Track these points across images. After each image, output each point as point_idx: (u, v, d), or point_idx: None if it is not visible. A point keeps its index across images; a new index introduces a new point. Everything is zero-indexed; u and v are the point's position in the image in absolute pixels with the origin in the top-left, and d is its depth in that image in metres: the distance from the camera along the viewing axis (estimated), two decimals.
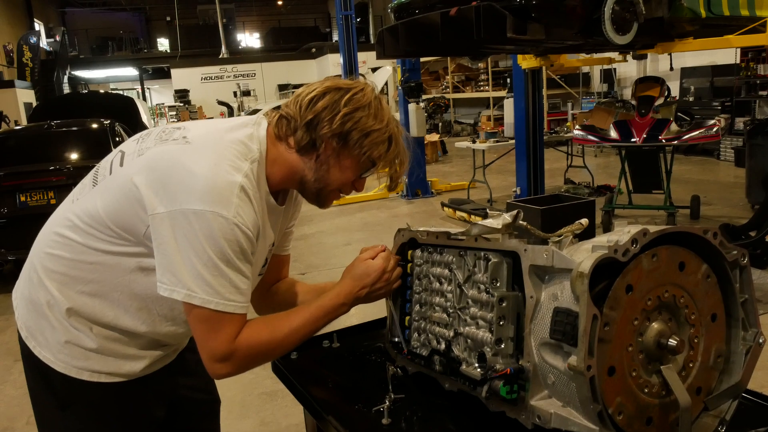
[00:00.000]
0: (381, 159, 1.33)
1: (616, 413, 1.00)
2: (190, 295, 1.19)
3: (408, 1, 5.09)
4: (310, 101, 1.30)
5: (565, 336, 0.98)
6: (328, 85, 1.32)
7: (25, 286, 1.40)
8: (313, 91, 1.32)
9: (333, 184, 1.36)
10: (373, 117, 1.30)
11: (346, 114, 1.28)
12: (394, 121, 1.35)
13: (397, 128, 1.35)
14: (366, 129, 1.29)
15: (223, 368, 1.25)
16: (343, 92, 1.30)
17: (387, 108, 1.35)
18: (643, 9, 4.69)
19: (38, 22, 27.15)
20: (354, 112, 1.29)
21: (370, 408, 1.31)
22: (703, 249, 1.09)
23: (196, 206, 1.17)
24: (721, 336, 1.13)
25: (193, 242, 1.17)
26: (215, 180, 1.20)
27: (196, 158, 1.23)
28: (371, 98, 1.32)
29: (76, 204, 1.35)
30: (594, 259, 0.94)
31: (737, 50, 11.02)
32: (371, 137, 1.30)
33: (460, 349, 1.25)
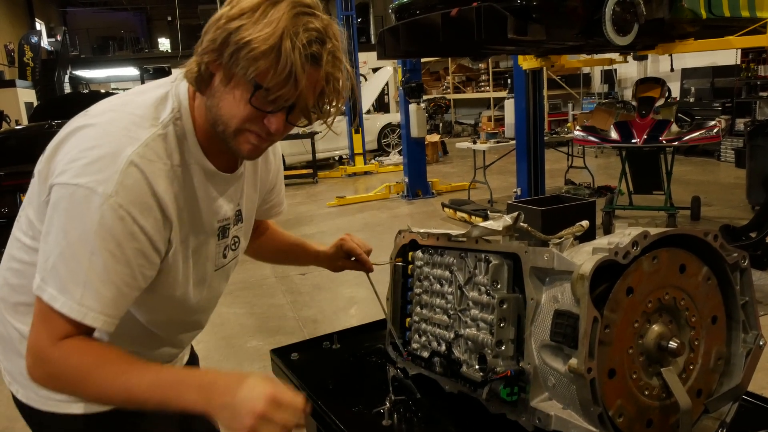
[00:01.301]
0: (266, 79, 0.99)
1: (616, 416, 1.00)
2: (41, 287, 1.01)
3: (409, 1, 5.09)
4: (205, 29, 1.04)
5: (566, 338, 0.98)
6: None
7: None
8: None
9: (231, 122, 1.06)
10: (254, 23, 0.97)
11: (220, 25, 1.00)
12: (292, 25, 0.98)
13: (295, 35, 0.97)
14: (242, 39, 0.97)
15: (32, 368, 1.03)
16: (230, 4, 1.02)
17: (286, 10, 0.98)
18: (644, 10, 4.69)
19: (39, 22, 27.16)
20: (230, 22, 0.98)
21: (370, 409, 1.31)
22: (704, 251, 1.09)
23: (65, 179, 1.00)
24: (722, 338, 1.13)
25: (58, 223, 1.01)
26: (97, 152, 1.01)
27: (83, 132, 1.05)
28: (266, 7, 0.98)
29: (19, 220, 1.21)
30: (595, 262, 0.94)
31: (738, 51, 11.01)
32: (247, 49, 0.97)
33: (460, 351, 1.25)
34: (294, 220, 8.22)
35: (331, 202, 9.28)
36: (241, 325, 4.68)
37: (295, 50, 0.97)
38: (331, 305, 4.86)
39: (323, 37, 1.01)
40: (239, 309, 4.96)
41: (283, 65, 0.97)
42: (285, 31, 0.97)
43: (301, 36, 0.97)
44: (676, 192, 7.12)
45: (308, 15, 1.00)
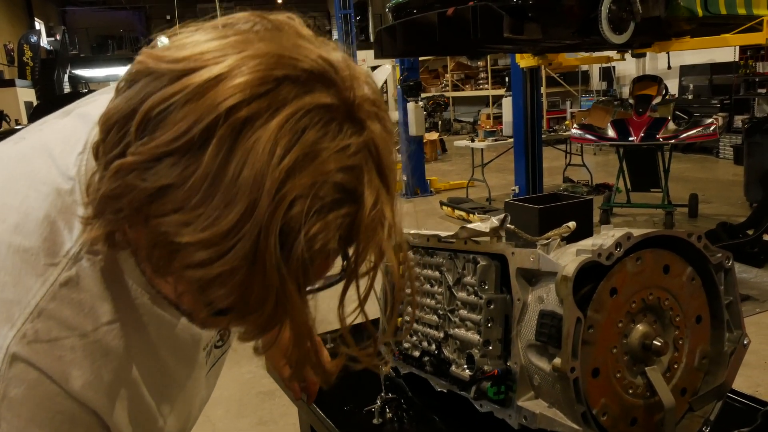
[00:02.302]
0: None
1: (600, 414, 1.02)
2: None
3: (406, 1, 5.10)
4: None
5: (550, 338, 0.99)
6: (145, 60, 0.57)
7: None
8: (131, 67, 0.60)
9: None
10: (201, 195, 0.53)
11: (126, 168, 0.54)
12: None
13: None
14: (167, 225, 0.54)
15: None
16: (161, 85, 0.53)
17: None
18: (640, 8, 4.71)
19: (39, 21, 27.16)
20: (147, 171, 0.53)
21: (361, 408, 1.33)
22: (688, 252, 1.10)
23: None
24: (706, 338, 1.15)
25: None
26: None
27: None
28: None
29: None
30: (578, 263, 0.96)
31: (736, 48, 11.03)
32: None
33: (449, 351, 1.27)
34: None
35: None
36: None
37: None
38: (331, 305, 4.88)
39: None
40: None
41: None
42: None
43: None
44: (674, 189, 7.14)
45: None
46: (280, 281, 0.53)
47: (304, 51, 0.55)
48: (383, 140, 0.58)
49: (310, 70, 0.54)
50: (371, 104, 0.58)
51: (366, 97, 0.57)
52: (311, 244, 0.54)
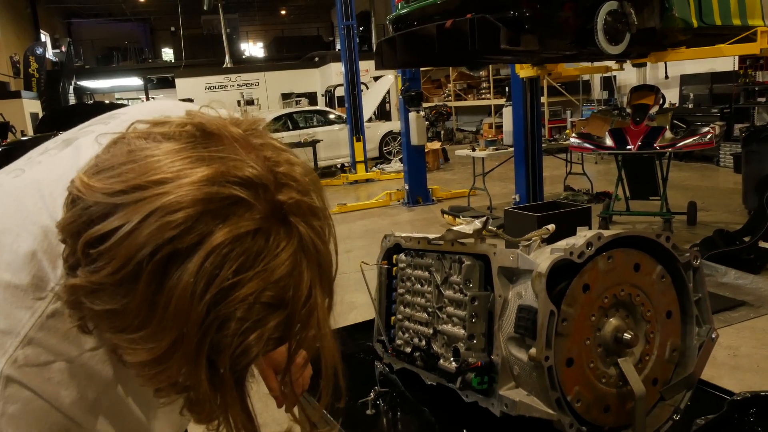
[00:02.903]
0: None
1: (574, 401, 1.10)
2: None
3: (405, 13, 5.21)
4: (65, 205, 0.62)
5: (527, 330, 1.08)
6: (79, 187, 0.60)
7: None
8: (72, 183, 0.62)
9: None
10: (139, 321, 0.59)
11: (76, 289, 0.61)
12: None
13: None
14: (115, 345, 0.64)
15: None
16: (94, 217, 0.58)
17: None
18: (636, 20, 4.79)
19: (44, 33, 27.44)
20: (92, 296, 0.60)
21: (356, 401, 1.41)
22: (658, 252, 1.18)
23: None
24: (677, 332, 1.23)
25: None
26: None
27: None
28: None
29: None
30: (551, 261, 1.05)
31: (736, 57, 11.12)
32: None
33: (438, 346, 1.35)
34: None
35: (332, 210, 9.36)
36: None
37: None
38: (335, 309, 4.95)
39: None
40: None
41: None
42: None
43: None
44: (674, 197, 7.21)
45: None
46: (217, 389, 0.62)
47: (229, 171, 0.58)
48: (316, 232, 0.63)
49: (231, 197, 0.57)
50: (300, 206, 0.62)
51: (293, 198, 0.61)
52: (245, 356, 0.61)
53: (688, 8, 5.08)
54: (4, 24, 22.90)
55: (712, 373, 3.54)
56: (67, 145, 0.84)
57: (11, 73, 22.47)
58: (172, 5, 27.38)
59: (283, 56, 29.47)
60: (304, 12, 33.73)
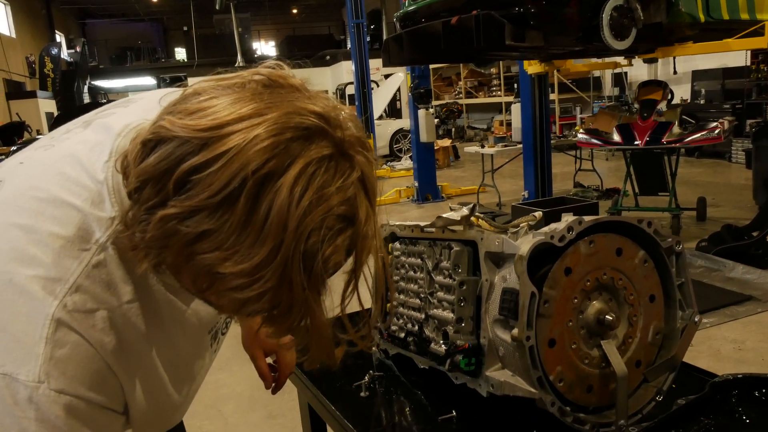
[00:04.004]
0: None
1: (556, 380, 1.14)
2: None
3: (412, 10, 5.25)
4: (139, 150, 0.67)
5: (510, 312, 1.12)
6: (169, 127, 0.66)
7: None
8: (152, 128, 0.68)
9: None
10: (236, 236, 0.65)
11: (169, 218, 0.65)
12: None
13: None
14: (210, 261, 0.66)
15: None
16: (188, 151, 0.64)
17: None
18: (642, 15, 4.79)
19: (59, 34, 27.76)
20: (188, 220, 0.65)
21: (351, 384, 1.45)
22: (640, 237, 1.22)
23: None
24: (660, 315, 1.26)
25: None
26: (2, 308, 0.71)
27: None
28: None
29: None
30: (531, 244, 1.08)
31: (747, 52, 11.05)
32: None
33: (430, 330, 1.39)
34: None
35: None
36: None
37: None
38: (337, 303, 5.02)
39: None
40: None
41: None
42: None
43: None
44: (685, 193, 7.19)
45: None
46: (303, 296, 0.68)
47: (302, 108, 0.68)
48: (368, 167, 0.72)
49: (310, 127, 0.67)
50: (357, 140, 0.71)
51: (352, 135, 0.71)
52: (326, 264, 0.68)
53: (695, 3, 5.07)
54: (20, 25, 23.18)
55: (716, 366, 3.55)
56: (87, 126, 0.88)
57: (27, 73, 22.75)
58: (185, 5, 27.58)
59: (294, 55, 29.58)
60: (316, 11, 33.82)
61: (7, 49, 20.83)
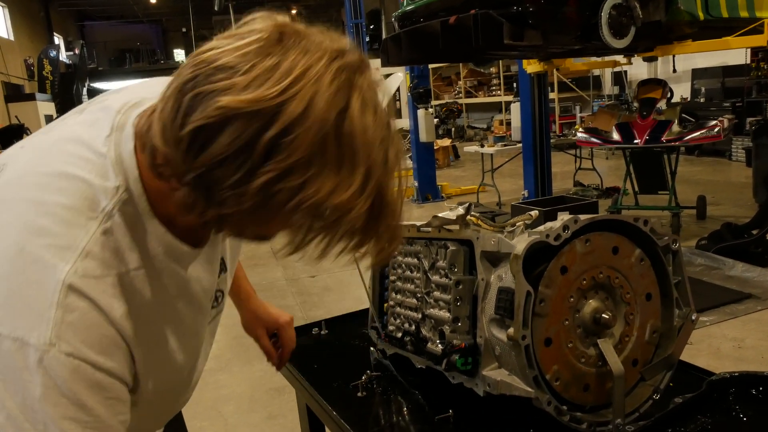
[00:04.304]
0: (353, 237, 0.75)
1: (553, 379, 1.13)
2: None
3: (411, 10, 5.24)
4: (194, 135, 0.67)
5: (506, 311, 1.12)
6: (234, 105, 0.65)
7: None
8: (207, 111, 0.66)
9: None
10: (335, 173, 0.69)
11: (267, 183, 0.67)
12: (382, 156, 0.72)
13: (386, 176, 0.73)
14: (316, 203, 0.68)
15: None
16: (264, 121, 0.65)
17: (385, 126, 0.74)
18: (640, 13, 4.79)
19: (58, 36, 27.76)
20: (287, 178, 0.67)
21: (348, 384, 1.45)
22: (636, 235, 1.22)
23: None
24: (657, 314, 1.26)
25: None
26: (10, 284, 0.72)
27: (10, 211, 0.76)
28: (329, 127, 0.68)
29: None
30: (527, 243, 1.08)
31: (747, 50, 11.04)
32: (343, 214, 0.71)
33: (426, 330, 1.39)
34: None
35: None
36: None
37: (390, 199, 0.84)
38: (339, 305, 5.01)
39: None
40: None
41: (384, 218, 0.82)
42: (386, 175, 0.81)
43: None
44: (685, 192, 7.17)
45: None
46: (393, 199, 0.75)
47: (332, 49, 0.71)
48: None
49: (349, 62, 0.71)
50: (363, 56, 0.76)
51: (361, 53, 0.76)
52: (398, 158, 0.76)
53: (694, 1, 5.07)
54: (18, 27, 23.19)
55: (716, 364, 3.54)
56: (82, 111, 0.91)
57: (26, 76, 22.75)
58: (184, 6, 27.58)
59: None
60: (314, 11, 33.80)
61: (6, 52, 20.84)
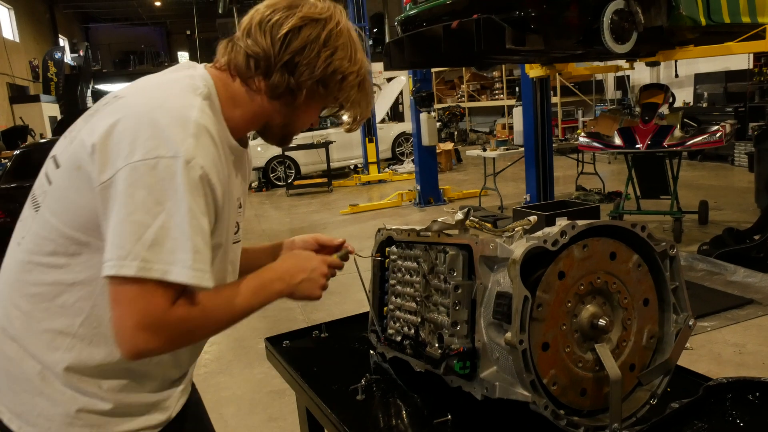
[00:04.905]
0: (349, 101, 1.25)
1: (550, 384, 1.14)
2: (145, 267, 0.99)
3: (414, 14, 5.26)
4: (285, 37, 1.15)
5: (503, 316, 1.12)
6: (302, 16, 1.16)
7: (2, 372, 1.17)
8: (286, 23, 1.15)
9: (300, 126, 1.27)
10: (349, 59, 1.21)
11: (327, 57, 1.17)
12: (364, 57, 1.26)
13: (366, 67, 1.26)
14: (344, 72, 1.20)
15: (148, 341, 1.02)
16: (320, 26, 1.17)
17: (359, 41, 1.25)
18: (642, 18, 4.79)
19: (63, 38, 27.86)
20: (334, 54, 1.18)
21: (348, 387, 1.46)
22: (634, 241, 1.23)
23: (139, 157, 1.00)
24: (654, 319, 1.27)
25: (146, 199, 1.00)
26: (160, 121, 1.03)
27: (130, 109, 1.07)
28: (347, 33, 1.21)
29: (27, 243, 1.15)
30: (524, 248, 1.09)
31: (750, 55, 11.04)
32: (347, 81, 1.22)
33: (426, 333, 1.40)
34: (308, 228, 8.40)
35: (344, 210, 9.46)
36: (253, 328, 4.85)
37: (368, 76, 1.29)
38: (340, 308, 5.01)
39: None
40: None
41: (362, 91, 1.26)
42: (365, 69, 1.26)
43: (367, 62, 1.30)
44: (687, 197, 7.17)
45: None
46: (368, 94, 1.29)
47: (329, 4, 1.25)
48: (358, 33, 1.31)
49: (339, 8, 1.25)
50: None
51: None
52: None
53: (696, 6, 5.07)
54: (24, 29, 23.27)
55: (717, 370, 3.54)
56: (103, 106, 1.18)
57: (31, 78, 22.83)
58: (188, 9, 27.66)
59: None
60: None
61: (11, 54, 20.91)
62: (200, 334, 1.13)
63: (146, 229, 1.00)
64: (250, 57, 1.16)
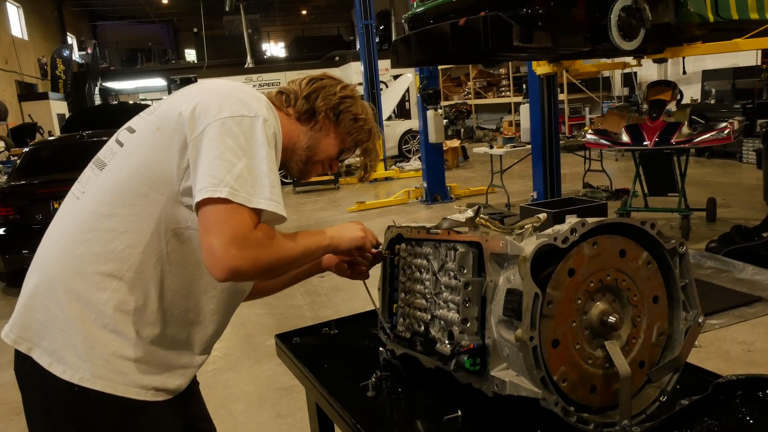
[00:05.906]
0: (362, 144, 1.56)
1: (560, 380, 1.15)
2: (233, 193, 1.20)
3: (421, 12, 5.25)
4: (310, 81, 1.52)
5: (514, 312, 1.13)
6: (325, 73, 1.57)
7: (45, 312, 1.30)
8: (311, 75, 1.55)
9: (320, 155, 1.52)
10: (360, 108, 1.54)
11: (341, 96, 1.51)
12: (374, 121, 1.58)
13: (377, 128, 1.58)
14: (355, 114, 1.52)
15: (238, 257, 1.18)
16: (337, 81, 1.54)
17: (370, 112, 1.57)
18: (650, 15, 4.77)
19: (71, 36, 27.97)
20: (346, 98, 1.52)
21: (358, 384, 1.47)
22: (643, 238, 1.23)
23: (227, 114, 1.26)
24: (664, 316, 1.27)
25: (233, 144, 1.24)
26: (245, 95, 1.32)
27: (212, 88, 1.34)
28: (359, 99, 1.55)
29: (87, 196, 1.34)
30: (535, 245, 1.10)
31: (758, 52, 10.97)
32: (359, 123, 1.52)
33: (435, 330, 1.41)
34: (315, 226, 8.41)
35: (351, 208, 9.47)
36: (262, 324, 4.87)
37: (377, 138, 1.60)
38: (348, 305, 5.03)
39: None
40: (260, 310, 5.15)
41: (372, 141, 1.57)
42: (375, 128, 1.57)
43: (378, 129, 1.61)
44: (695, 194, 7.14)
45: None
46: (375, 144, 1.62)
47: (349, 87, 1.58)
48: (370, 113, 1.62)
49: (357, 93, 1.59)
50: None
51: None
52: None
53: (704, 3, 5.05)
54: (32, 27, 23.37)
55: (725, 367, 3.54)
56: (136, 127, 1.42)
57: (39, 75, 22.93)
58: (195, 7, 27.71)
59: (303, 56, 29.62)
60: (325, 12, 33.88)
61: (20, 51, 21.01)
62: (273, 261, 1.28)
63: (233, 166, 1.22)
64: (282, 93, 1.54)
